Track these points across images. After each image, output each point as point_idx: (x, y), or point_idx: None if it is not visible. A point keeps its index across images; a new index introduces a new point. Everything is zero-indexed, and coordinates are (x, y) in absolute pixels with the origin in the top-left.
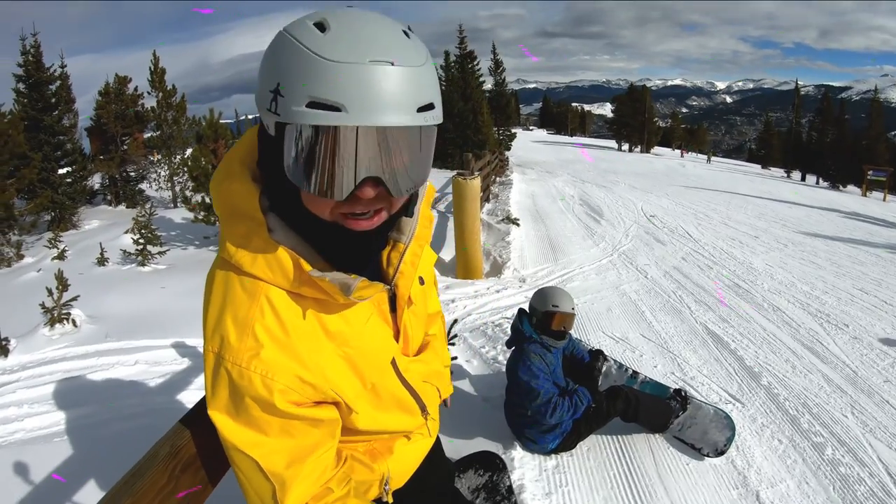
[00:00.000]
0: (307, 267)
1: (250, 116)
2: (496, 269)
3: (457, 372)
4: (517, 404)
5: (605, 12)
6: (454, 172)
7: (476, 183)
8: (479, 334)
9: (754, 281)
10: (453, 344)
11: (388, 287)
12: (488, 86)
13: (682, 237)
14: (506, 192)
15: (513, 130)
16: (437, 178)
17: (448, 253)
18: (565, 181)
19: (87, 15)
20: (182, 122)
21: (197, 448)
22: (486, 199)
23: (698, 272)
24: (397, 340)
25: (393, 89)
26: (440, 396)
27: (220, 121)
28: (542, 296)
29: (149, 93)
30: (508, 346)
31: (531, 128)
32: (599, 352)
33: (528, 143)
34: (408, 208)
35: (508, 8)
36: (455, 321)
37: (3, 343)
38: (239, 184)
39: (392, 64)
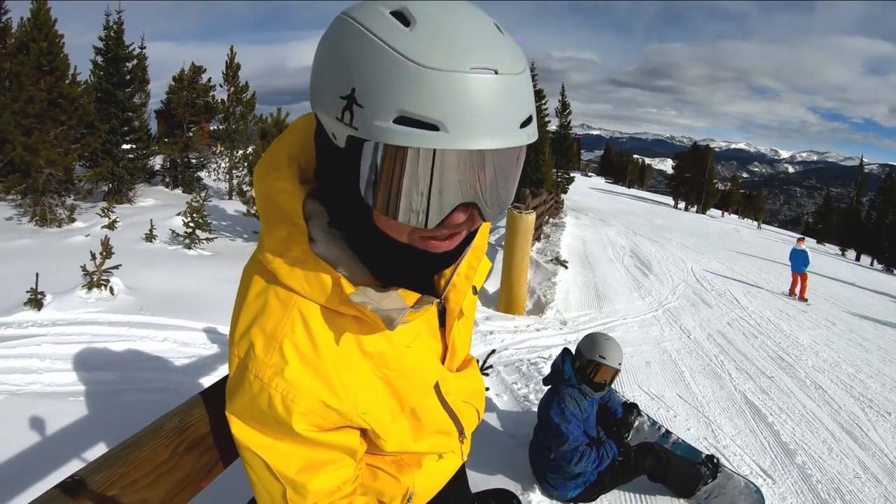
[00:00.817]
0: (349, 289)
1: None
2: (539, 308)
3: (486, 404)
4: (544, 446)
5: (677, 68)
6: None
7: (530, 218)
8: (514, 370)
9: (798, 356)
10: (487, 374)
11: (439, 301)
12: (553, 127)
13: (729, 302)
14: (558, 233)
15: (571, 174)
16: None
17: (492, 285)
18: (618, 231)
19: (175, 6)
20: (249, 119)
21: (209, 428)
22: (537, 238)
23: (742, 339)
24: (444, 357)
25: (497, 104)
26: (478, 418)
27: (287, 121)
28: (591, 342)
29: (221, 85)
30: (545, 384)
31: (590, 174)
32: (634, 405)
33: (586, 189)
34: None
35: (582, 52)
36: (493, 351)
37: (39, 297)
38: (284, 181)
39: (496, 72)
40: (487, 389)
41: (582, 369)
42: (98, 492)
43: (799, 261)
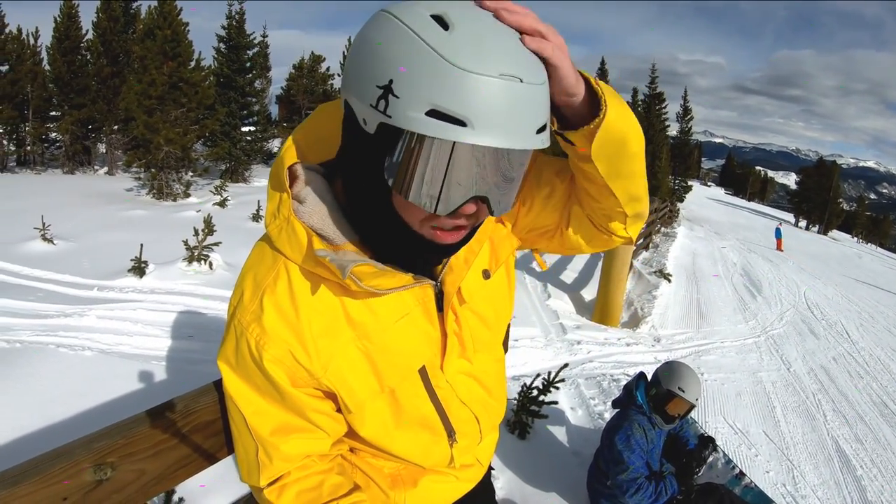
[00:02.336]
0: (318, 245)
1: None
2: (634, 321)
3: (555, 417)
4: (601, 471)
5: (808, 76)
6: None
7: None
8: (594, 384)
9: None
10: (557, 388)
11: (435, 284)
12: (673, 132)
13: (839, 335)
14: (667, 244)
15: (689, 183)
16: None
17: (589, 293)
18: (732, 246)
19: None
20: None
21: (217, 415)
22: (644, 247)
23: (846, 379)
24: (445, 347)
25: (519, 109)
26: (479, 429)
27: None
28: (671, 371)
29: (338, 75)
30: (614, 406)
31: (709, 184)
32: (710, 439)
33: (703, 199)
34: None
35: (709, 56)
36: (565, 365)
37: (142, 265)
38: (284, 154)
39: (521, 80)
40: (556, 403)
41: (657, 398)
42: (97, 456)
43: (778, 233)
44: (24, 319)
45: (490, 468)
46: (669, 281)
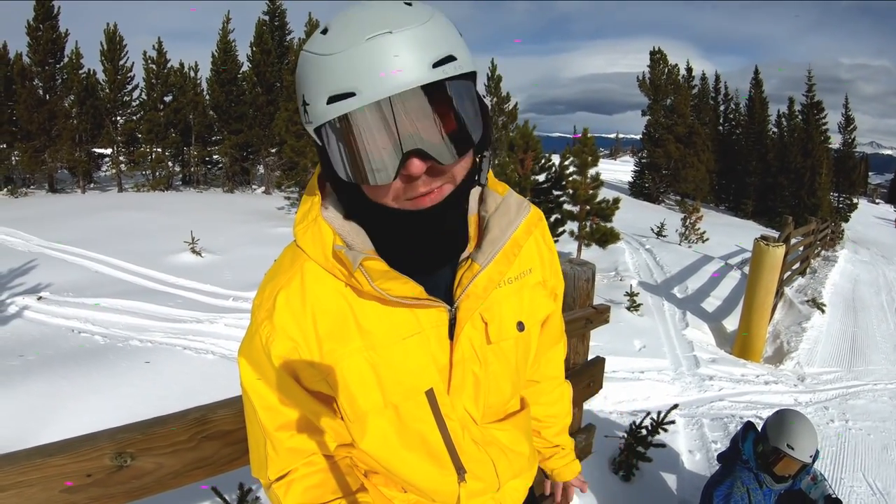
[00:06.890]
0: (338, 242)
1: (589, 134)
2: (778, 356)
3: (668, 460)
4: None
5: None
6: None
7: (779, 252)
8: (719, 426)
9: None
10: (665, 430)
11: (450, 308)
12: (835, 144)
13: None
14: (826, 269)
15: (855, 200)
16: (749, 236)
17: (733, 323)
18: None
19: (467, 15)
20: (511, 129)
21: (231, 427)
22: (801, 273)
23: None
24: (451, 377)
25: (398, 54)
26: (496, 475)
27: (535, 133)
28: (780, 423)
29: (485, 96)
30: (719, 460)
31: (878, 201)
32: (838, 501)
33: (870, 219)
34: (479, 176)
35: (875, 59)
36: (675, 406)
37: None
38: (318, 167)
39: (391, 32)
40: (664, 445)
41: (763, 454)
42: (117, 445)
43: None
44: (160, 322)
45: None
46: (823, 311)
